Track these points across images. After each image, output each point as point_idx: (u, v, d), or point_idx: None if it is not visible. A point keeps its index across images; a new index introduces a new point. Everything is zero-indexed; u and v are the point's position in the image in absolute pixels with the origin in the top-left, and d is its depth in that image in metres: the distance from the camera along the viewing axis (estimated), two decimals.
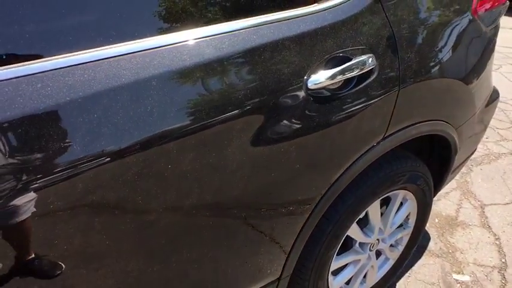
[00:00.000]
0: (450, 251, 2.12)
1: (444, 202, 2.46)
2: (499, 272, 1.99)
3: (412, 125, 1.32)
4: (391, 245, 1.73)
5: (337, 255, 1.48)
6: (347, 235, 1.43)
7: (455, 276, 1.97)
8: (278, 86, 0.95)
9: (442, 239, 2.19)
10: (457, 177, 2.68)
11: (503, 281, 1.94)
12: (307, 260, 1.35)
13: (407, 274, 1.96)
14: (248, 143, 0.95)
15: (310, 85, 0.99)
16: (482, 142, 3.08)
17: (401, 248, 1.75)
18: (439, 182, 1.76)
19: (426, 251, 2.10)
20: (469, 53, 1.49)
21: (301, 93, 0.99)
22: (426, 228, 2.26)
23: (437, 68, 1.31)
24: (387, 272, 1.76)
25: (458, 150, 1.62)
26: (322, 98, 1.03)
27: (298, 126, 1.01)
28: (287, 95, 0.97)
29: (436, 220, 2.32)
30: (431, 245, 2.15)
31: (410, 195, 1.59)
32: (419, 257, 2.07)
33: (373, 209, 1.47)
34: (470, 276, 1.97)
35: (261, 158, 0.98)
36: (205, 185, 0.92)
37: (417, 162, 1.50)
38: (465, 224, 2.30)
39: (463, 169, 2.76)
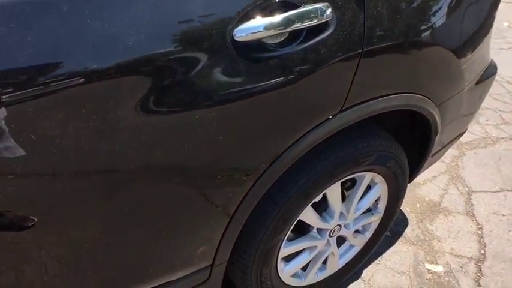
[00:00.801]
0: (427, 238, 1.96)
1: (429, 186, 2.29)
2: (475, 264, 1.84)
3: (379, 97, 1.12)
4: (357, 231, 1.57)
5: (289, 240, 1.33)
6: (300, 220, 1.26)
7: (427, 265, 1.82)
8: (194, 35, 0.76)
9: (421, 226, 2.03)
10: (448, 160, 2.49)
11: (478, 274, 1.79)
12: (248, 246, 1.19)
13: (376, 261, 1.82)
14: (155, 105, 0.76)
15: (239, 36, 0.79)
16: (481, 125, 2.86)
17: (368, 234, 1.59)
18: (417, 165, 1.58)
19: (401, 238, 1.95)
20: (463, 18, 1.27)
21: (226, 46, 0.79)
22: (405, 213, 2.09)
23: (417, 29, 1.09)
24: (352, 259, 1.61)
25: (440, 130, 1.43)
26: (255, 54, 0.83)
27: (221, 88, 0.82)
28: (206, 47, 0.77)
29: (418, 205, 2.15)
30: (407, 231, 1.99)
31: (379, 178, 1.41)
32: (393, 244, 1.91)
33: (333, 192, 1.29)
34: (444, 266, 1.82)
35: (179, 124, 0.80)
36: (124, 158, 0.76)
37: (388, 141, 1.32)
38: (448, 211, 2.12)
39: (456, 152, 2.57)
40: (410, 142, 1.53)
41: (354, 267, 1.66)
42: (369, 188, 1.45)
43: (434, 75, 1.26)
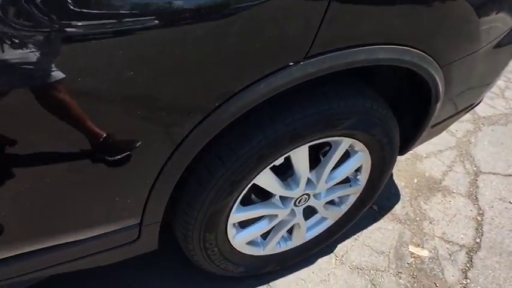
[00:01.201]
0: (418, 218, 1.76)
1: (433, 161, 2.05)
2: (467, 254, 1.64)
3: (360, 46, 0.88)
4: (332, 203, 1.39)
5: (243, 205, 1.16)
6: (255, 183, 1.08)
7: (412, 248, 1.64)
8: None
9: (413, 203, 1.82)
10: (460, 134, 2.23)
11: (467, 265, 1.60)
12: (190, 207, 1.03)
13: (354, 236, 1.65)
14: None
15: None
16: (506, 99, 2.55)
17: (345, 208, 1.41)
18: (412, 137, 1.35)
19: (388, 214, 1.76)
20: None
21: None
22: (399, 187, 1.89)
23: None
24: (323, 232, 1.44)
25: (442, 97, 1.18)
26: None
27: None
28: None
29: (415, 180, 1.94)
30: (397, 208, 1.79)
31: (360, 146, 1.20)
32: (377, 220, 1.73)
33: (298, 157, 1.10)
34: (430, 251, 1.63)
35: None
36: None
37: (375, 104, 1.09)
38: (448, 191, 1.91)
39: (470, 126, 2.29)
40: (405, 108, 1.30)
41: (326, 241, 1.50)
42: (348, 155, 1.25)
43: (440, 27, 1.00)
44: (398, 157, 1.67)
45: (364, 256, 1.58)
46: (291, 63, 0.83)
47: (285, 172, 1.16)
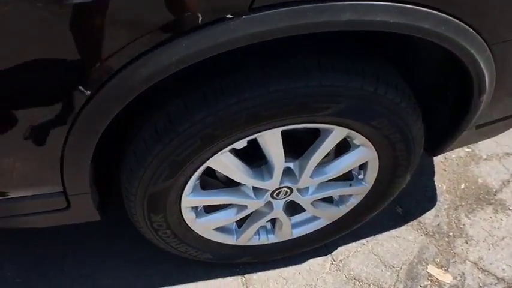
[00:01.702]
0: (451, 233, 1.43)
1: (494, 165, 1.64)
2: None
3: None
4: (329, 201, 1.14)
5: (204, 189, 0.97)
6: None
7: (431, 269, 1.33)
8: None
9: (451, 214, 1.48)
10: None
11: None
12: (128, 182, 0.87)
13: (362, 240, 1.37)
14: None
15: None
16: None
17: (344, 209, 1.14)
18: (448, 136, 1.02)
19: (414, 221, 1.44)
20: None
21: None
22: (437, 191, 1.54)
23: None
24: (314, 232, 1.20)
25: (488, 88, 0.84)
26: None
27: None
28: None
29: (462, 186, 1.57)
30: (428, 215, 1.47)
31: (361, 140, 0.92)
32: (398, 226, 1.43)
33: (268, 142, 0.86)
34: (455, 278, 1.32)
35: None
36: None
37: (382, 88, 0.80)
38: (502, 206, 1.52)
39: None
40: (442, 99, 0.98)
41: (318, 243, 1.26)
42: (349, 148, 0.98)
43: None
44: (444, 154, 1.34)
45: (367, 266, 1.32)
46: (230, 15, 0.59)
47: (254, 158, 0.93)
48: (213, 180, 1.05)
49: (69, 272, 1.22)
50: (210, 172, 1.00)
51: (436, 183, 1.57)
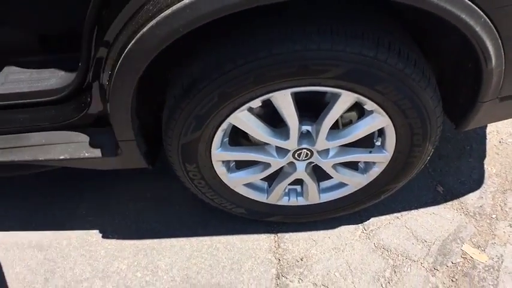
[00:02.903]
0: (494, 216, 1.38)
1: None
2: None
3: None
4: (354, 168, 1.21)
5: (232, 145, 1.12)
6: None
7: (466, 247, 1.31)
8: None
9: (497, 197, 1.43)
10: None
11: None
12: (165, 132, 1.06)
13: (396, 214, 1.40)
14: None
15: None
16: None
17: (368, 177, 1.20)
18: (469, 108, 1.03)
19: (455, 201, 1.43)
20: None
21: None
22: (486, 173, 1.49)
23: None
24: (343, 199, 1.28)
25: (494, 55, 0.85)
26: None
27: None
28: None
29: None
30: (471, 196, 1.43)
31: (372, 105, 0.98)
32: (436, 203, 1.43)
33: (281, 103, 0.97)
34: (491, 259, 1.28)
35: None
36: None
37: (382, 54, 0.86)
38: None
39: None
40: (461, 71, 0.99)
41: (349, 210, 1.33)
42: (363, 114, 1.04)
43: None
44: (499, 137, 1.35)
45: (398, 238, 1.35)
46: None
47: (274, 119, 1.05)
48: (246, 142, 1.19)
49: (130, 214, 1.45)
50: (244, 134, 1.15)
51: (485, 166, 1.52)
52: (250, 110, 1.00)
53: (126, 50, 0.86)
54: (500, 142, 1.59)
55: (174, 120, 1.00)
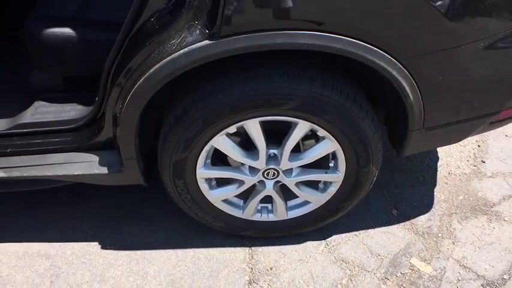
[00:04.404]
0: (440, 235, 1.61)
1: (497, 182, 1.78)
2: (481, 286, 1.44)
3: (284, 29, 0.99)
4: (315, 187, 1.45)
5: (213, 165, 1.37)
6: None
7: (414, 260, 1.53)
8: None
9: (444, 220, 1.66)
10: None
11: None
12: (160, 152, 1.31)
13: (355, 232, 1.62)
14: None
15: None
16: None
17: (327, 196, 1.44)
18: (403, 137, 1.30)
19: (407, 222, 1.65)
20: None
21: None
22: (435, 200, 1.73)
23: None
24: (307, 216, 1.51)
25: (411, 93, 1.13)
26: None
27: None
28: None
29: (460, 197, 1.74)
30: (421, 218, 1.66)
31: (323, 132, 1.25)
32: (390, 223, 1.65)
33: (251, 129, 1.24)
34: (435, 270, 1.49)
35: None
36: None
37: (327, 91, 1.14)
38: (497, 217, 1.65)
39: None
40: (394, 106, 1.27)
41: (312, 226, 1.55)
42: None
43: (387, 16, 1.00)
44: (449, 169, 1.62)
45: (355, 252, 1.57)
46: (205, 42, 1.02)
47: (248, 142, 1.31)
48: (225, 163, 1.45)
49: (125, 230, 1.66)
50: (223, 159, 1.40)
51: (435, 194, 1.77)
52: (228, 134, 1.26)
53: (136, 85, 1.13)
54: (449, 173, 1.84)
55: (168, 142, 1.26)
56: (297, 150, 1.35)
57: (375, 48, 1.04)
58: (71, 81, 1.50)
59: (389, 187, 1.78)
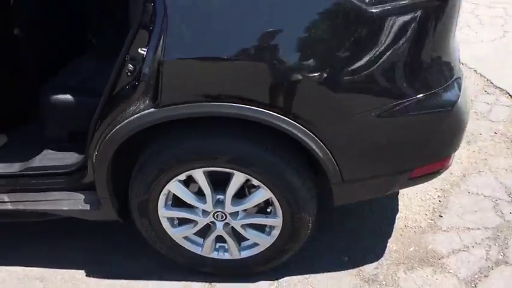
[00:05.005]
0: (384, 283, 1.73)
1: (449, 236, 1.89)
2: None
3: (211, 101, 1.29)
4: (261, 230, 1.66)
5: (174, 206, 1.64)
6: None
7: None
8: None
9: (391, 269, 1.78)
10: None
11: None
12: (129, 191, 1.60)
13: (305, 275, 1.78)
14: None
15: None
16: None
17: (271, 239, 1.65)
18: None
19: (355, 269, 1.79)
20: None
21: None
22: (387, 249, 1.86)
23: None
24: (257, 256, 1.71)
25: (318, 151, 1.36)
26: None
27: None
28: None
29: (411, 249, 1.86)
30: (369, 266, 1.80)
31: (256, 181, 1.49)
32: (340, 269, 1.80)
33: (198, 178, 1.51)
34: None
35: None
36: None
37: (253, 149, 1.41)
38: (443, 269, 1.75)
39: None
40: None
41: (263, 267, 1.74)
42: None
43: (282, 88, 1.27)
44: (406, 222, 1.87)
45: None
46: (151, 109, 1.34)
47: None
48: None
49: (106, 261, 1.93)
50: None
51: (388, 244, 1.90)
52: (180, 181, 1.54)
53: (105, 140, 1.46)
54: (405, 226, 1.97)
55: (134, 185, 1.56)
56: (244, 195, 1.60)
57: (281, 116, 1.30)
58: (74, 135, 1.88)
59: (345, 234, 1.94)
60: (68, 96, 1.77)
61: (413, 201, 2.09)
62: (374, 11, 1.19)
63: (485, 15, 4.07)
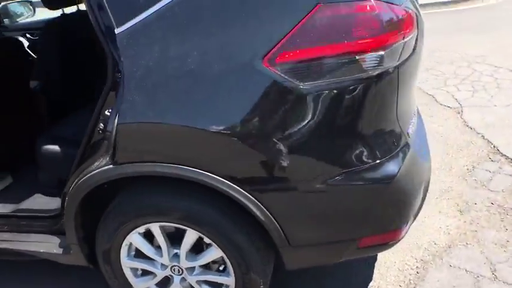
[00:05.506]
0: None
1: None
2: None
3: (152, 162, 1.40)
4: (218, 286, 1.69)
5: (137, 257, 1.72)
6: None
7: None
8: None
9: None
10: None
11: None
12: (95, 242, 1.70)
13: None
14: None
15: None
16: None
17: None
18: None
19: None
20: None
21: None
22: None
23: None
24: None
25: (262, 218, 1.40)
26: None
27: None
28: None
29: None
30: None
31: (208, 240, 1.55)
32: None
33: (154, 231, 1.59)
34: None
35: None
36: None
37: (202, 210, 1.48)
38: None
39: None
40: None
41: None
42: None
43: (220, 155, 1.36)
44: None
45: None
46: (110, 166, 1.46)
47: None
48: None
49: None
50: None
51: None
52: (140, 233, 1.63)
53: (70, 191, 1.60)
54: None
55: (99, 234, 1.67)
56: (201, 250, 1.65)
57: (220, 178, 1.37)
58: (63, 181, 2.05)
59: None
60: (57, 147, 1.97)
61: (390, 270, 2.03)
62: (307, 87, 1.27)
63: (505, 79, 4.00)
